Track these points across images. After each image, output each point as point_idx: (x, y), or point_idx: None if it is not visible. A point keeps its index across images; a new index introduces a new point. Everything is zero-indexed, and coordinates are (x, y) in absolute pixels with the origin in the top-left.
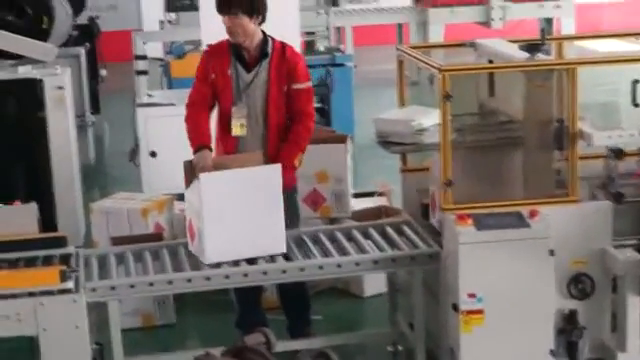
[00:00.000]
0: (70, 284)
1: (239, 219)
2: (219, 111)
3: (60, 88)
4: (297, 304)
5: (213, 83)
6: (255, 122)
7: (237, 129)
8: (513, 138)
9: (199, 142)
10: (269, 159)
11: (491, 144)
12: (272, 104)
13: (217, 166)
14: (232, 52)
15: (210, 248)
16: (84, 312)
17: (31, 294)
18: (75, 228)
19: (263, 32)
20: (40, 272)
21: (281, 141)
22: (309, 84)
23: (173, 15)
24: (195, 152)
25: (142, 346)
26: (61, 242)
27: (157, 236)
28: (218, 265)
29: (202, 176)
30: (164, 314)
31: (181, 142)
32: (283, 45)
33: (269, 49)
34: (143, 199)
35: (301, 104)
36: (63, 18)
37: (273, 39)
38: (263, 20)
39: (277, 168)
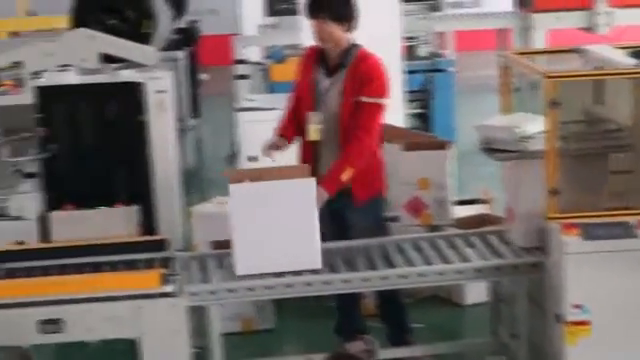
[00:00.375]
0: (170, 288)
1: (270, 232)
2: (299, 114)
3: (161, 92)
4: (393, 311)
5: (299, 86)
6: (330, 129)
7: (312, 134)
8: (620, 146)
9: (278, 133)
10: None
11: (597, 152)
12: (345, 113)
13: (254, 177)
14: (318, 57)
15: (241, 260)
16: (184, 316)
17: (132, 297)
18: (174, 232)
19: (353, 41)
20: (141, 275)
21: None
22: (379, 101)
23: (272, 19)
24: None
25: (241, 350)
26: (162, 245)
27: None
28: (316, 271)
29: (232, 187)
30: (264, 319)
31: None
32: (366, 56)
33: (350, 58)
34: None
35: (362, 118)
36: (164, 22)
37: (360, 49)
38: (352, 28)
39: (311, 182)
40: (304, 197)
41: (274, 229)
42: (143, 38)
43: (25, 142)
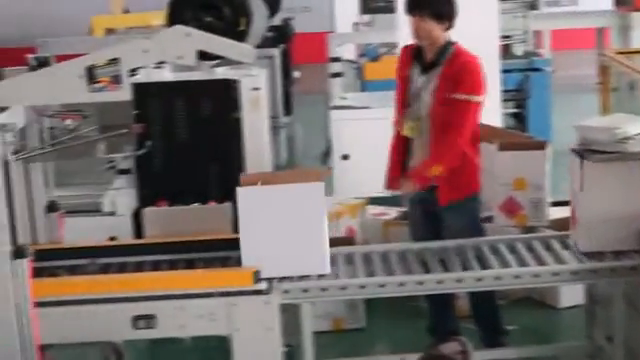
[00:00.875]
0: (263, 285)
1: (278, 236)
2: (396, 110)
3: (256, 89)
4: (487, 313)
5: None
6: (423, 126)
7: (407, 130)
8: None
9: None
10: None
11: None
12: (437, 110)
13: (266, 181)
14: (414, 54)
15: (248, 263)
16: (277, 314)
17: (225, 294)
18: None
19: (449, 39)
20: (234, 273)
21: None
22: (472, 98)
23: (367, 17)
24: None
25: (331, 349)
26: None
27: (349, 240)
28: (410, 270)
29: (239, 190)
30: (354, 318)
31: (374, 146)
32: (462, 54)
33: (445, 56)
34: (335, 202)
35: (454, 115)
36: (259, 19)
37: (456, 47)
38: (451, 26)
39: (319, 186)
40: (312, 201)
41: (282, 233)
42: (239, 36)
43: (120, 139)
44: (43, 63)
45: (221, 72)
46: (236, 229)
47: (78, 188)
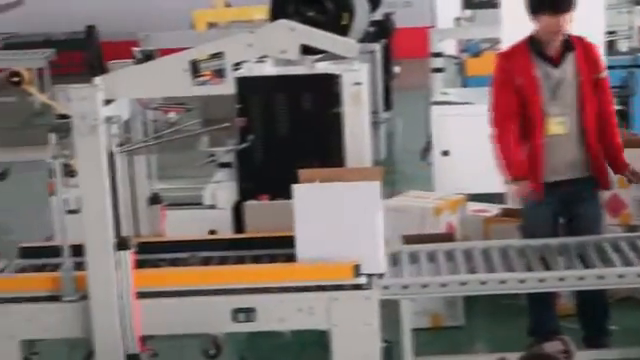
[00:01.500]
0: (363, 279)
1: (333, 234)
2: (524, 116)
3: (357, 84)
4: (596, 313)
5: (519, 88)
6: (569, 120)
7: (555, 127)
8: None
9: (517, 174)
10: (591, 159)
11: None
12: (587, 97)
13: (324, 178)
14: (534, 51)
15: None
16: (376, 309)
17: (324, 288)
18: None
19: None
20: (334, 266)
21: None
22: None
23: (469, 12)
24: (512, 181)
25: (429, 347)
26: None
27: (449, 236)
28: (511, 268)
29: (295, 187)
30: (453, 315)
31: (475, 142)
32: (580, 37)
33: (570, 42)
34: (435, 198)
35: (606, 93)
36: (361, 14)
37: (569, 34)
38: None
39: (375, 185)
40: (368, 200)
41: (337, 231)
42: (342, 30)
43: (222, 132)
44: (148, 56)
45: (323, 67)
46: None
47: (179, 181)
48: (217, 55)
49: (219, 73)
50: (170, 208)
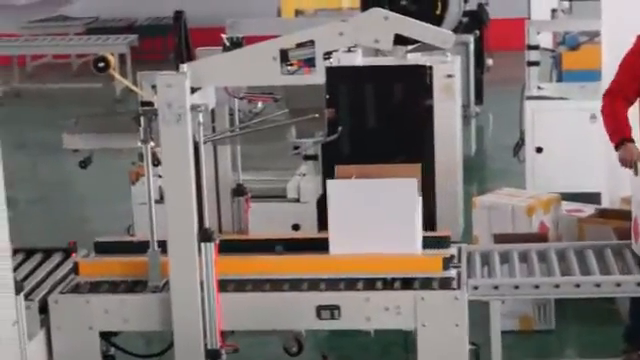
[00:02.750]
0: (452, 273)
1: (368, 231)
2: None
3: (450, 76)
4: None
5: None
6: None
7: None
8: None
9: (622, 135)
10: None
11: None
12: None
13: (361, 174)
14: None
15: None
16: (465, 310)
17: (413, 287)
18: (454, 222)
19: None
20: (422, 258)
21: None
22: None
23: (566, 4)
24: (617, 147)
25: (518, 351)
26: (443, 242)
27: (542, 236)
28: (608, 271)
29: (329, 182)
30: (543, 319)
31: (570, 139)
32: None
33: None
34: (528, 196)
35: None
36: (455, 4)
37: None
38: None
39: (412, 183)
40: (405, 198)
41: (372, 228)
42: (435, 20)
43: (310, 124)
44: (236, 44)
45: (414, 58)
46: (428, 222)
47: (264, 173)
48: (307, 44)
49: (309, 62)
50: (254, 200)
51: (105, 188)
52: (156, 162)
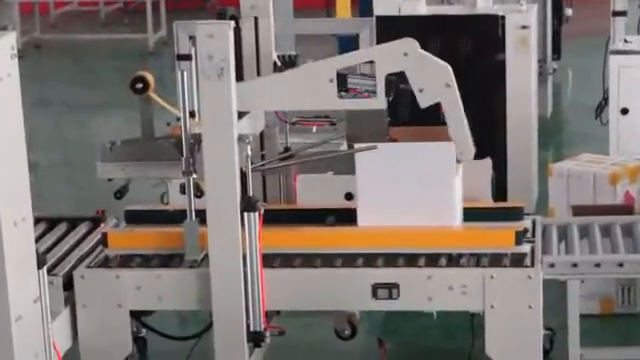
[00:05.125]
0: (525, 248)
1: (401, 200)
2: None
3: (524, 27)
4: None
5: None
6: None
7: None
8: None
9: None
10: None
11: None
12: None
13: (414, 137)
14: None
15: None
16: (539, 290)
17: (478, 262)
18: (528, 192)
19: None
20: (492, 231)
21: None
22: None
23: None
24: None
25: (598, 336)
26: (515, 214)
27: (627, 208)
28: None
29: (356, 146)
30: (627, 301)
31: None
32: None
33: None
34: (612, 163)
35: None
36: None
37: None
38: None
39: (450, 146)
40: (440, 162)
41: (406, 197)
42: None
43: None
44: (289, 63)
45: (483, 6)
46: (498, 191)
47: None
48: (368, 73)
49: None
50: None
51: None
52: (199, 194)
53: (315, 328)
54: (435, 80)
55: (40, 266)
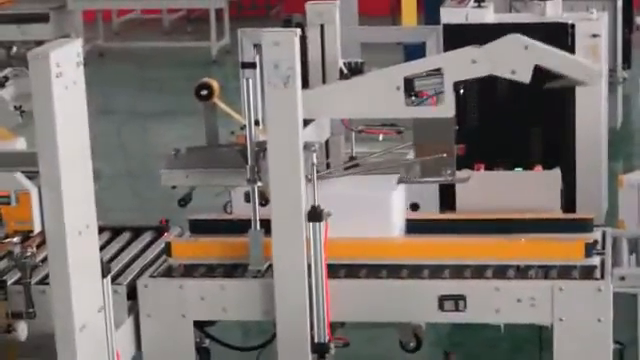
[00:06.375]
0: (595, 261)
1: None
2: None
3: (595, 36)
4: None
5: None
6: None
7: None
8: None
9: None
10: None
11: None
12: None
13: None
14: None
15: None
16: (610, 303)
17: (547, 274)
18: (597, 203)
19: None
20: (560, 243)
21: None
22: None
23: None
24: None
25: None
26: (585, 225)
27: None
28: None
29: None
30: None
31: None
32: None
33: None
34: None
35: None
36: None
37: None
38: None
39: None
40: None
41: None
42: None
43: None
44: (355, 70)
45: (553, 14)
46: (567, 202)
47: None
48: (435, 72)
49: (437, 92)
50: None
51: None
52: (264, 202)
53: (380, 340)
54: (512, 53)
55: (104, 275)
